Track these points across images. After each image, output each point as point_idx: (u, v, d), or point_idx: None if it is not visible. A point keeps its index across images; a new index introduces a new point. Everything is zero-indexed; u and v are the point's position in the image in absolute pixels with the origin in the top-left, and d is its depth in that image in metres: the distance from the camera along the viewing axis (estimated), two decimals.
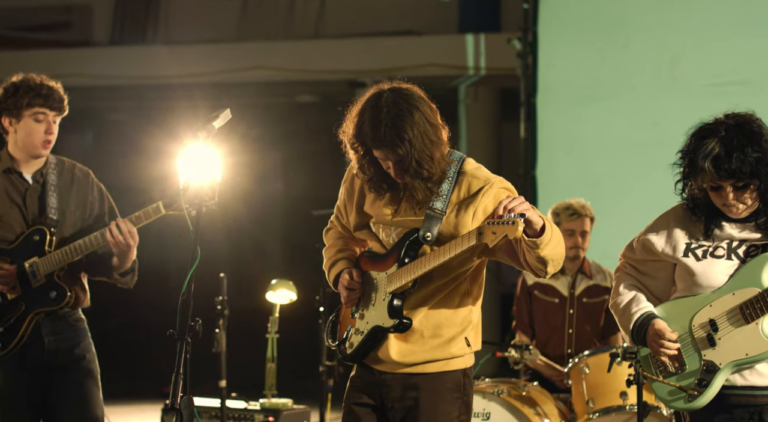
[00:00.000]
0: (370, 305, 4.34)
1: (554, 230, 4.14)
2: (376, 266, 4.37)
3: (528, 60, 10.55)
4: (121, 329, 14.01)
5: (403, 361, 4.29)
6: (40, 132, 5.29)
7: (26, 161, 5.36)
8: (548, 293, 7.08)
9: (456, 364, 4.33)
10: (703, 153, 4.13)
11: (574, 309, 7.02)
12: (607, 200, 9.73)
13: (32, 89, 5.26)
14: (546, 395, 6.44)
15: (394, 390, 4.32)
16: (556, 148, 10.44)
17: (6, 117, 5.29)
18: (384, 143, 4.18)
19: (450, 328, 4.30)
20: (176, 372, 3.80)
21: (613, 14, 10.20)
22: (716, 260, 4.24)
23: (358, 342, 4.35)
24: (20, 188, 5.34)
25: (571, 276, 7.09)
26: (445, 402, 4.30)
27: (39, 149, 5.32)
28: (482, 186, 4.28)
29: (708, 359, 4.19)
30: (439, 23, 13.37)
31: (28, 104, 5.25)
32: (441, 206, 4.23)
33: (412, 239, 4.24)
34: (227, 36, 13.48)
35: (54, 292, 5.26)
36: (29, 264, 5.26)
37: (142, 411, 10.44)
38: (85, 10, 14.63)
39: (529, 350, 6.37)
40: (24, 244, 5.28)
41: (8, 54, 13.83)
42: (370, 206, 4.41)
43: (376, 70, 13.03)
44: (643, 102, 9.95)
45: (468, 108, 13.80)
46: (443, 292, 4.29)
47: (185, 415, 3.79)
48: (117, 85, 13.88)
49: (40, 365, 5.26)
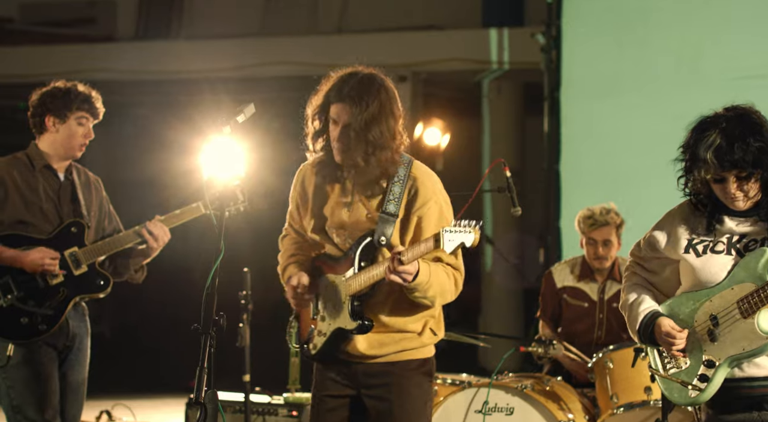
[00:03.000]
0: (331, 308, 4.43)
1: (432, 275, 4.31)
2: (333, 270, 4.46)
3: (552, 54, 10.52)
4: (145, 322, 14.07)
5: (373, 353, 4.41)
6: (79, 136, 5.68)
7: (58, 161, 5.71)
8: (578, 298, 7.01)
9: (424, 352, 4.49)
10: (705, 145, 4.12)
11: (603, 314, 6.95)
12: (630, 194, 9.70)
13: (80, 95, 5.66)
14: (570, 390, 6.43)
15: (366, 378, 4.44)
16: (579, 142, 10.41)
17: (51, 117, 5.64)
18: (343, 96, 4.33)
19: (414, 322, 4.44)
20: (200, 366, 3.83)
21: (636, 8, 10.17)
22: (716, 256, 4.23)
23: (321, 343, 4.46)
24: (54, 185, 5.69)
25: (601, 281, 7.01)
26: (414, 387, 4.44)
27: (76, 150, 5.70)
28: (429, 199, 4.40)
29: (708, 354, 4.19)
30: (463, 18, 13.35)
31: (77, 108, 5.64)
32: (394, 210, 4.35)
33: (367, 243, 4.35)
34: (251, 31, 13.49)
35: (100, 280, 5.69)
36: (70, 253, 5.61)
37: (167, 404, 10.48)
38: (109, 6, 14.67)
39: (552, 345, 6.35)
40: (62, 235, 5.63)
41: (33, 49, 13.89)
42: (323, 207, 4.50)
43: (399, 64, 13.02)
44: (665, 96, 9.91)
45: (491, 103, 13.78)
46: (399, 292, 4.37)
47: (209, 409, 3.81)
48: (141, 80, 13.91)
49: (64, 346, 5.67)
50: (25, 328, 5.53)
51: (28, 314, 5.53)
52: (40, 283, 5.57)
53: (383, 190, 4.39)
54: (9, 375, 5.52)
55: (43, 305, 5.55)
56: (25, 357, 5.52)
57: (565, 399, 6.29)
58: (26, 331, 5.53)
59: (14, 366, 5.51)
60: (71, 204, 5.69)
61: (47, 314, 5.54)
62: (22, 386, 5.51)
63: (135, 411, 9.17)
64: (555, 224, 10.41)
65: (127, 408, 9.06)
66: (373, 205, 4.40)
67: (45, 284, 5.58)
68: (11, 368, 5.51)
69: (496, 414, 6.20)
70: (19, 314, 5.53)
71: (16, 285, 5.55)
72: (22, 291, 5.55)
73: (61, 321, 5.58)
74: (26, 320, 5.52)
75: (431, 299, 4.36)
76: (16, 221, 5.57)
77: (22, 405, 5.52)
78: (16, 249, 5.53)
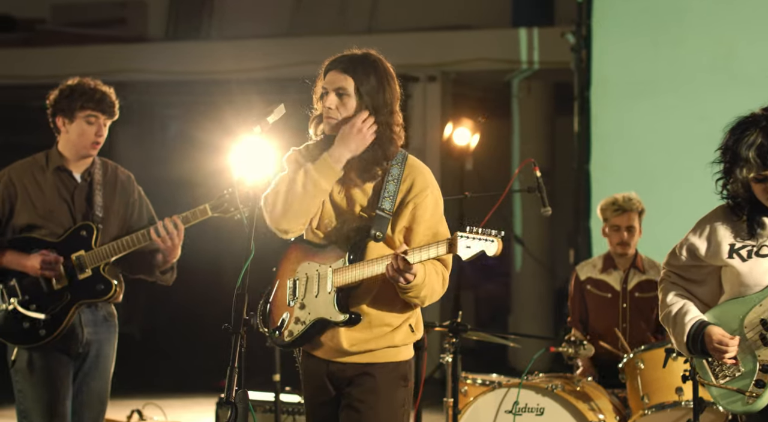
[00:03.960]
0: (313, 297, 4.35)
1: (426, 275, 4.23)
2: (317, 258, 4.37)
3: (582, 54, 10.49)
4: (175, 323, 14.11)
5: (353, 350, 4.34)
6: (90, 134, 5.55)
7: (75, 161, 5.62)
8: (601, 288, 7.05)
9: (403, 354, 4.41)
10: (746, 144, 4.10)
11: (627, 304, 6.99)
12: (660, 194, 9.67)
13: (86, 93, 5.53)
14: (600, 390, 6.41)
15: (344, 379, 4.38)
16: (609, 142, 10.38)
17: (60, 117, 5.56)
18: (335, 64, 4.34)
19: (394, 316, 4.36)
20: (231, 365, 3.83)
21: (667, 7, 10.13)
22: (762, 259, 4.19)
23: (299, 331, 4.36)
24: (69, 186, 5.61)
25: (623, 271, 7.05)
26: (392, 390, 4.37)
27: (88, 149, 5.58)
28: (426, 187, 4.34)
29: (763, 359, 4.14)
30: (492, 17, 13.33)
31: (81, 107, 5.52)
32: (389, 207, 4.29)
33: (363, 237, 4.28)
34: (281, 31, 13.52)
35: (101, 285, 5.55)
36: (76, 257, 5.51)
37: (197, 404, 10.50)
38: (139, 6, 14.73)
39: (583, 345, 6.34)
40: (71, 238, 5.53)
41: (64, 50, 13.96)
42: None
43: (429, 64, 13.03)
44: (697, 96, 9.87)
45: (521, 102, 13.76)
46: (383, 282, 4.30)
47: (240, 409, 3.81)
48: (171, 81, 13.96)
49: (77, 354, 5.55)
50: (27, 333, 5.46)
51: (30, 319, 5.45)
52: (45, 287, 5.50)
53: (379, 181, 4.32)
54: (19, 379, 5.48)
55: (46, 309, 5.46)
56: (34, 363, 5.45)
57: (596, 400, 6.27)
58: (28, 336, 5.46)
59: (23, 370, 5.46)
60: (86, 205, 5.59)
61: (47, 319, 5.44)
62: (30, 391, 5.45)
63: (166, 411, 9.19)
64: (585, 224, 10.39)
65: (158, 408, 9.09)
66: (368, 192, 4.34)
67: (49, 289, 5.50)
68: (20, 372, 5.46)
69: (527, 414, 6.18)
70: (22, 318, 5.46)
71: (21, 289, 5.49)
72: (27, 295, 5.49)
73: (63, 326, 5.47)
74: (28, 324, 5.45)
75: (422, 299, 4.29)
76: (28, 225, 5.52)
77: (29, 411, 5.47)
78: (23, 253, 5.47)
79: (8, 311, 5.47)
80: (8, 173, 5.59)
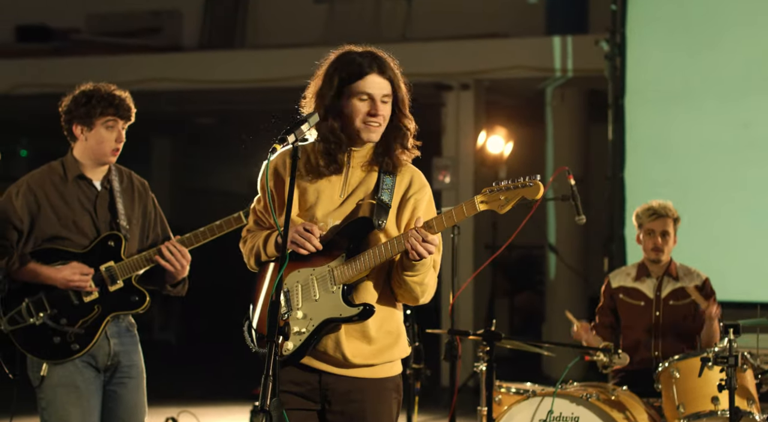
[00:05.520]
0: (313, 302, 4.23)
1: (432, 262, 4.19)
2: (305, 265, 4.25)
3: (616, 61, 10.47)
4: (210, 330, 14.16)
5: (355, 362, 4.23)
6: (110, 140, 5.42)
7: (93, 168, 5.48)
8: (633, 296, 7.01)
9: (396, 369, 4.34)
10: None
11: (660, 312, 6.95)
12: (696, 202, 9.63)
13: (104, 99, 5.40)
14: (635, 399, 6.38)
15: (338, 393, 4.26)
16: (644, 150, 10.35)
17: (77, 125, 5.43)
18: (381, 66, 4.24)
19: (392, 323, 4.30)
20: (266, 373, 3.82)
21: (702, 14, 10.09)
22: None
23: (301, 342, 4.23)
24: (90, 195, 5.46)
25: (656, 279, 7.01)
26: (386, 404, 4.29)
27: (108, 156, 5.44)
28: (424, 185, 4.31)
29: None
30: (526, 25, 13.33)
31: (100, 113, 5.39)
32: (388, 198, 4.22)
33: (363, 227, 4.19)
34: (314, 40, 13.55)
35: (135, 296, 5.43)
36: (106, 268, 5.38)
37: (231, 412, 10.54)
38: (174, 16, 14.81)
39: (618, 354, 6.31)
40: (98, 249, 5.40)
41: (99, 59, 14.05)
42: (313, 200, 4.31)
43: (462, 72, 13.04)
44: (733, 103, 9.83)
45: (555, 110, 13.74)
46: (382, 286, 4.25)
47: (274, 417, 3.81)
48: (206, 90, 14.03)
49: (106, 367, 5.42)
50: (58, 347, 5.32)
51: (61, 334, 5.32)
52: (74, 300, 5.36)
53: (377, 176, 4.26)
54: (44, 396, 5.32)
55: (76, 323, 5.34)
56: (60, 378, 5.31)
57: (631, 409, 6.24)
58: (59, 351, 5.32)
59: (49, 386, 5.31)
60: (109, 215, 5.44)
61: (80, 333, 5.33)
62: (56, 408, 5.29)
63: (200, 418, 9.22)
64: (619, 233, 10.36)
65: (192, 415, 9.11)
66: (367, 189, 4.26)
67: (79, 302, 5.36)
68: (46, 388, 5.31)
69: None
70: (52, 333, 5.33)
71: (49, 303, 5.35)
72: (55, 309, 5.34)
73: (95, 340, 5.35)
74: (59, 339, 5.32)
75: (423, 288, 4.19)
76: (51, 237, 5.37)
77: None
78: (50, 265, 5.34)
79: (36, 325, 5.35)
80: (27, 182, 5.46)
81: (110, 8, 14.92)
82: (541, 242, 14.01)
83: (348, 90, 4.25)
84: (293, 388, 4.26)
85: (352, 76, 4.25)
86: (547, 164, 13.72)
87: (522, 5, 13.66)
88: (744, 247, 9.62)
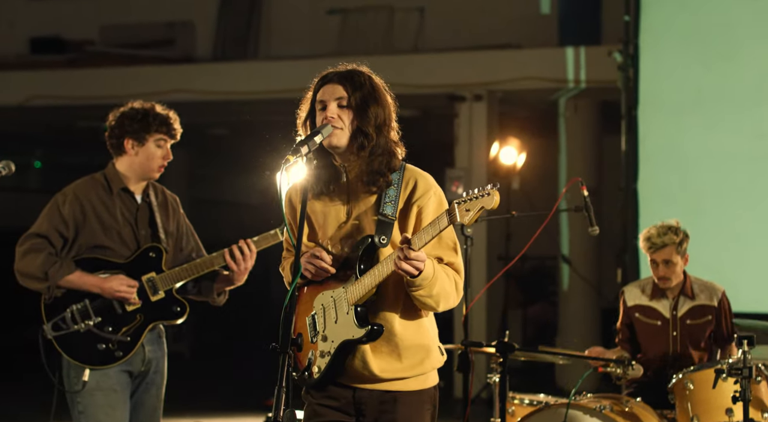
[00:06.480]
0: (333, 324, 4.24)
1: (435, 270, 4.15)
2: (330, 285, 4.28)
3: (629, 72, 10.46)
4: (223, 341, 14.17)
5: (384, 376, 4.23)
6: (159, 157, 5.66)
7: (136, 182, 5.70)
8: (650, 316, 6.92)
9: (431, 380, 4.33)
10: None
11: (677, 331, 6.86)
12: (710, 214, 9.61)
13: (158, 117, 5.64)
14: (649, 411, 6.36)
15: (371, 406, 4.26)
16: (657, 161, 10.33)
17: (129, 139, 5.63)
18: (331, 78, 4.32)
19: (422, 336, 4.28)
20: (279, 385, 3.83)
21: (715, 24, 10.08)
22: None
23: (326, 364, 4.24)
24: (131, 208, 5.67)
25: (672, 299, 6.91)
26: (419, 416, 4.28)
27: (155, 172, 5.68)
28: (429, 189, 4.27)
29: None
30: (539, 36, 13.32)
31: (155, 131, 5.62)
32: (391, 211, 4.21)
33: (367, 246, 4.19)
34: (327, 51, 13.57)
35: (177, 307, 5.64)
36: (147, 279, 5.58)
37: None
38: (187, 27, 14.84)
39: (631, 365, 6.29)
40: (140, 260, 5.60)
41: (112, 71, 14.09)
42: (321, 222, 4.35)
43: (475, 83, 13.03)
44: (747, 113, 9.81)
45: (568, 121, 13.73)
46: (404, 300, 4.23)
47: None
48: (219, 101, 14.05)
49: (138, 372, 5.64)
50: (102, 354, 5.51)
51: (105, 341, 5.51)
52: (118, 309, 5.54)
53: (379, 192, 4.24)
54: (82, 401, 5.50)
55: (120, 331, 5.53)
56: (98, 383, 5.49)
57: (645, 420, 6.22)
58: (103, 357, 5.51)
59: (87, 391, 5.48)
60: (149, 228, 5.66)
61: (124, 341, 5.52)
62: (93, 412, 5.48)
63: None
64: (632, 244, 10.33)
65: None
66: (370, 202, 4.26)
67: (123, 311, 5.54)
68: (84, 393, 5.48)
69: None
70: (96, 339, 5.51)
71: (93, 310, 5.53)
72: (99, 316, 5.53)
73: (137, 347, 5.55)
74: (103, 346, 5.50)
75: (436, 299, 4.15)
76: (95, 246, 5.56)
77: None
78: (95, 275, 5.50)
79: (80, 332, 5.52)
80: (73, 191, 5.63)
81: (124, 20, 14.96)
82: (554, 253, 14.00)
83: (315, 105, 4.36)
84: (329, 402, 4.30)
85: (316, 91, 4.37)
86: (560, 175, 13.70)
87: (535, 16, 13.66)
88: (758, 258, 9.60)
